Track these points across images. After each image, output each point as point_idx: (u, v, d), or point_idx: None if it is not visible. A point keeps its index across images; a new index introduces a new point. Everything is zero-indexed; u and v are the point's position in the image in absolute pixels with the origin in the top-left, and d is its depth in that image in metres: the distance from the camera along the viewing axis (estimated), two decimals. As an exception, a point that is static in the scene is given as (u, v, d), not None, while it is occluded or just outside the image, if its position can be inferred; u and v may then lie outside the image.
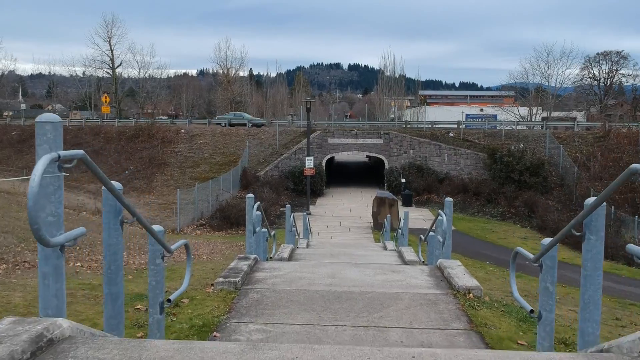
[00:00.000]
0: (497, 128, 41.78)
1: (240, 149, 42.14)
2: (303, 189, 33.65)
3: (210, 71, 71.32)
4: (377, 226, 27.24)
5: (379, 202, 27.32)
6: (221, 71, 71.90)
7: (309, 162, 31.47)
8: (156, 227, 4.29)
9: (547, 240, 4.08)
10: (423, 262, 12.41)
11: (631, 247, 3.02)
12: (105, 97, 57.81)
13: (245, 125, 48.09)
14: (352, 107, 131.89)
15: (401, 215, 27.98)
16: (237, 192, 36.80)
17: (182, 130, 47.94)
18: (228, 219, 26.12)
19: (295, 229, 20.01)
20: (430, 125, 43.00)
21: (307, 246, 18.47)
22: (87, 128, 51.49)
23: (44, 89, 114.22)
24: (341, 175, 51.88)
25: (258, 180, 37.26)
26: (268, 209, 29.77)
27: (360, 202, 36.43)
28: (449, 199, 9.25)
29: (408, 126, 43.80)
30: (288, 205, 19.12)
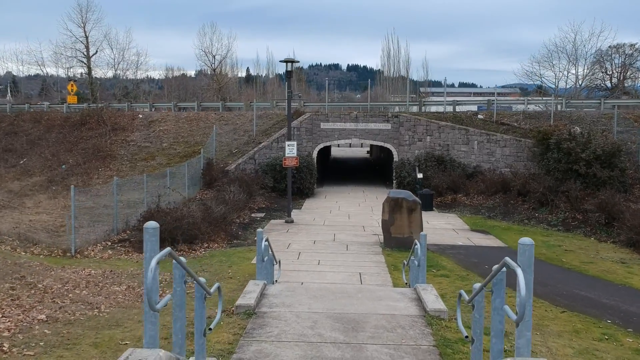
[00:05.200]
0: (538, 109, 32.37)
1: (209, 137, 32.76)
2: (287, 188, 24.11)
3: (209, 72, 61.32)
4: (390, 242, 17.87)
5: (393, 206, 17.94)
6: (206, 58, 62.08)
7: (290, 149, 22.09)
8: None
9: None
10: None
11: None
12: (72, 85, 48.41)
13: (218, 109, 38.62)
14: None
15: (428, 225, 18.50)
16: (197, 191, 27.41)
17: (140, 116, 38.56)
18: (159, 232, 16.74)
19: (271, 254, 10.70)
20: (451, 106, 33.52)
21: (261, 296, 9.14)
22: (28, 114, 42.07)
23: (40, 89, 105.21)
24: (337, 171, 42.47)
25: (227, 175, 27.85)
26: (228, 216, 20.34)
27: (363, 206, 27.04)
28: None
29: (424, 107, 34.36)
30: (259, 230, 10.08)
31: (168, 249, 4.85)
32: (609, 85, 56.96)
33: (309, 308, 8.53)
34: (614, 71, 58.05)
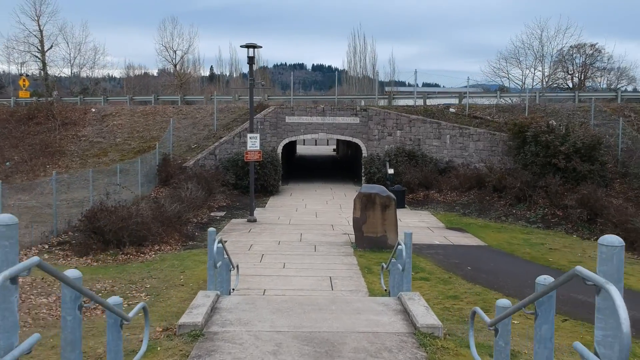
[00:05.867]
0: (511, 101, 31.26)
1: (167, 133, 30.65)
2: (250, 184, 22.23)
3: (171, 70, 58.25)
4: (362, 241, 16.27)
5: (365, 202, 16.33)
6: (166, 53, 59.13)
7: (253, 142, 20.30)
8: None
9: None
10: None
11: None
12: (24, 80, 45.43)
13: (177, 103, 36.44)
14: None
15: (401, 223, 17.05)
16: (152, 189, 25.37)
17: (93, 110, 36.12)
18: (102, 233, 14.75)
19: (227, 258, 8.87)
20: (422, 99, 32.13)
21: (212, 311, 7.36)
22: (-29, 109, 39.11)
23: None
24: (303, 169, 40.79)
25: (184, 172, 25.85)
26: (183, 215, 18.46)
27: (331, 203, 25.42)
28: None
29: (393, 101, 32.91)
30: (211, 229, 8.82)
31: (35, 258, 3.03)
32: (570, 85, 56.67)
33: (272, 326, 6.83)
34: (575, 71, 57.83)
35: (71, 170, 28.97)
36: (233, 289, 9.76)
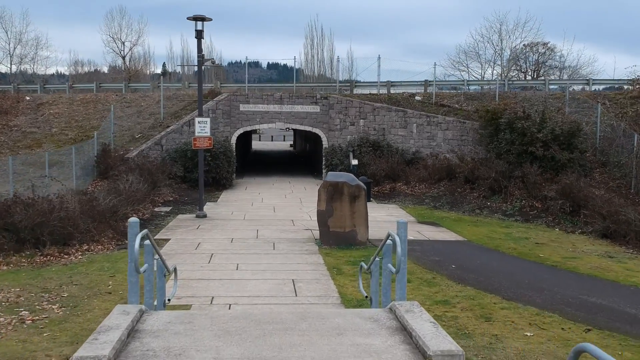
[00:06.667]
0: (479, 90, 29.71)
1: (108, 122, 27.83)
2: (199, 176, 19.69)
3: (120, 63, 54.53)
4: (328, 238, 14.15)
5: (332, 192, 14.21)
6: (114, 44, 55.32)
7: (202, 127, 17.93)
8: None
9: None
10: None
11: None
12: None
13: (121, 90, 33.51)
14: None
15: (371, 217, 15.19)
16: (89, 182, 22.65)
17: (27, 98, 32.91)
18: (15, 230, 12.18)
19: (158, 259, 6.40)
20: (385, 88, 30.22)
21: (130, 336, 4.99)
22: None
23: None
24: (259, 164, 38.47)
25: (126, 163, 23.18)
26: (120, 210, 15.94)
27: (290, 197, 23.24)
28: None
29: (355, 89, 30.88)
30: (133, 219, 6.10)
31: None
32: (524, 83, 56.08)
33: (216, 358, 4.62)
34: (529, 69, 57.30)
35: (0, 162, 25.92)
36: (168, 300, 7.47)
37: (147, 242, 6.44)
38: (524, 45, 53.31)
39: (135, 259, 5.67)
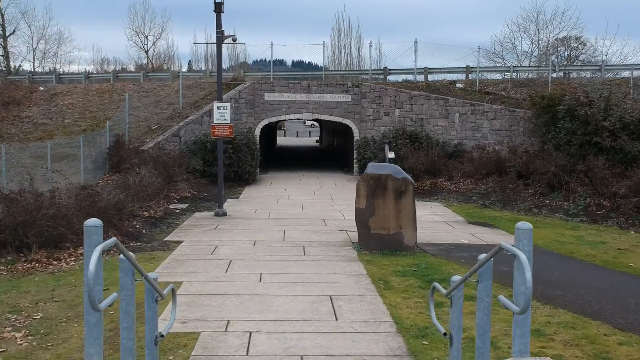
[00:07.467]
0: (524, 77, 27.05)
1: (123, 112, 25.89)
2: (218, 169, 17.49)
3: (144, 60, 53.15)
4: (369, 241, 11.83)
5: (373, 187, 11.87)
6: (137, 38, 53.61)
7: (221, 113, 15.75)
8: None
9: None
10: None
11: None
12: None
13: (139, 80, 31.56)
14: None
15: (419, 215, 12.77)
16: (100, 177, 20.69)
17: (41, 88, 31.22)
18: (1, 230, 10.15)
19: (149, 280, 3.97)
20: (422, 75, 27.71)
21: None
22: None
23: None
24: (284, 158, 36.30)
25: (141, 155, 21.17)
26: (126, 207, 13.81)
27: (319, 194, 20.97)
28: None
29: (389, 76, 28.42)
30: (91, 221, 2.99)
31: None
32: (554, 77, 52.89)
33: None
34: (559, 65, 54.13)
35: (9, 154, 24.11)
36: (162, 335, 5.22)
37: (121, 257, 4.22)
38: (555, 39, 50.10)
39: (91, 287, 3.43)
